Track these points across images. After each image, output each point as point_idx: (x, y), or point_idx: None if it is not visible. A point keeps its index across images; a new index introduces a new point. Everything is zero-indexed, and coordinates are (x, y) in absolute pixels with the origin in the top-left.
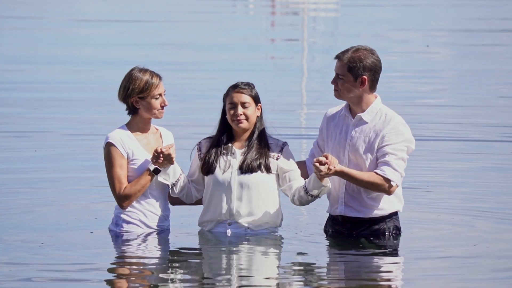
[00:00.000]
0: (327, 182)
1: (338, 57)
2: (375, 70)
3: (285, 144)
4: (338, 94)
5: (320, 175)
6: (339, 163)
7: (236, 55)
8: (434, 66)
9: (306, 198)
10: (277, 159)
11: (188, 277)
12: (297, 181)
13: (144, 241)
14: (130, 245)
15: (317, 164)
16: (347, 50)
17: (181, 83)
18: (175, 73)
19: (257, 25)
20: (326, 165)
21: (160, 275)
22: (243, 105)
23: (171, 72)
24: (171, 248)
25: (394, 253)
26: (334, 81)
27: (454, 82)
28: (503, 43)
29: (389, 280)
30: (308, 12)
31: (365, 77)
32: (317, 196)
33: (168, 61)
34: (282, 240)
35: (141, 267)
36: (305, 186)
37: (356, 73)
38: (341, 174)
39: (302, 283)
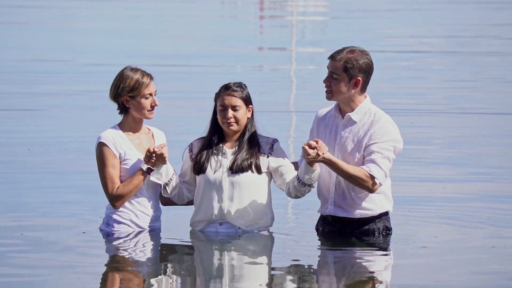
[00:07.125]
0: (318, 167)
1: (332, 56)
2: (368, 72)
3: (275, 141)
4: (331, 95)
5: (307, 158)
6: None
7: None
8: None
9: (300, 187)
10: (268, 156)
11: (179, 277)
12: (290, 174)
13: (135, 241)
14: (121, 245)
15: (306, 147)
16: (342, 50)
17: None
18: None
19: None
20: (315, 149)
21: (151, 276)
22: (234, 108)
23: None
24: (162, 248)
25: (384, 252)
26: (327, 80)
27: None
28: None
29: (378, 279)
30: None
31: (359, 78)
32: (311, 186)
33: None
34: (273, 240)
35: (132, 267)
36: (297, 175)
37: (352, 74)
38: (329, 162)
39: (292, 282)
